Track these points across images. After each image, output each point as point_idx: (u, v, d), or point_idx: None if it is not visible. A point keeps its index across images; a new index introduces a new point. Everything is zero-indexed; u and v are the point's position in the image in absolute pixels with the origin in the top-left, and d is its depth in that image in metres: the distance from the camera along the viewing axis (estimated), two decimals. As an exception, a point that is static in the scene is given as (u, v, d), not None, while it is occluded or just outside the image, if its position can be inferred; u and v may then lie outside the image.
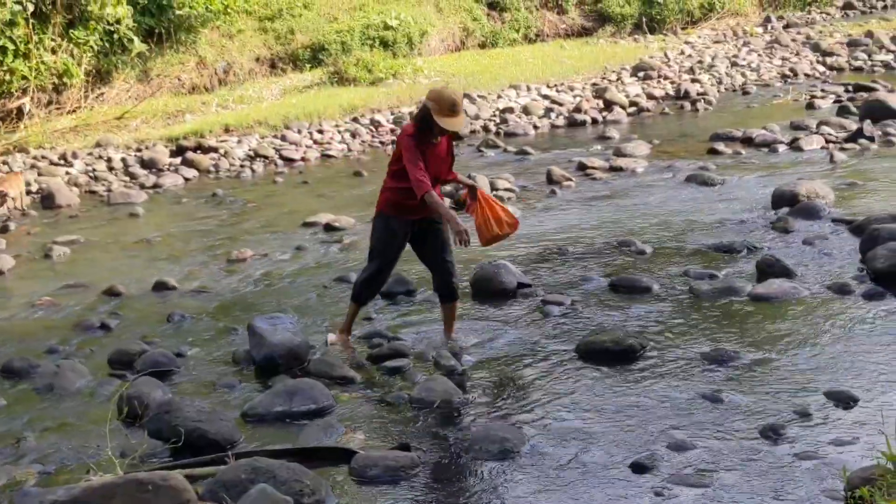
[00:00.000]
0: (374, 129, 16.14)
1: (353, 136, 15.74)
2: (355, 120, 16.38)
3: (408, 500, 5.24)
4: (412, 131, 6.85)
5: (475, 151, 14.56)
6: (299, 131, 15.61)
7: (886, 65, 18.44)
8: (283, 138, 15.34)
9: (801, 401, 5.99)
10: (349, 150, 15.19)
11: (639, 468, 5.38)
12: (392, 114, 16.76)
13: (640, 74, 18.94)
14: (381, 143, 15.56)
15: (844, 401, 5.93)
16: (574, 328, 7.49)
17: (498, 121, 16.29)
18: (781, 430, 5.63)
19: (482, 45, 22.53)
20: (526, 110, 16.68)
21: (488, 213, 7.11)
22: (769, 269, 8.11)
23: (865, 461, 5.07)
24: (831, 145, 12.52)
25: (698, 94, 17.01)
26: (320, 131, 15.77)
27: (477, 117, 16.32)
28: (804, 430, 5.65)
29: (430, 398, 6.40)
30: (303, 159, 14.75)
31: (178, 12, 17.85)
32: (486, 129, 15.96)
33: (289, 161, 14.67)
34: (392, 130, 15.98)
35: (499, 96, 17.71)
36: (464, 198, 7.43)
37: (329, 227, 10.85)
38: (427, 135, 6.80)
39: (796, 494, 5.02)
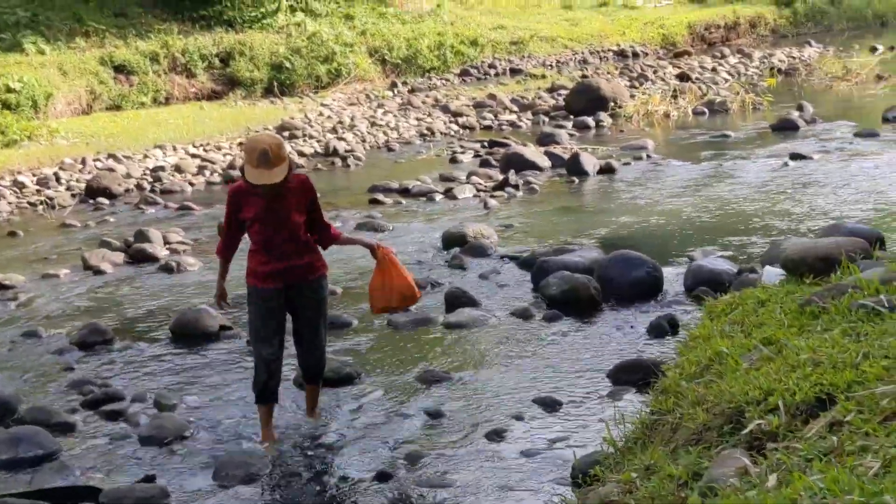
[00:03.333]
0: (18, 191, 15.56)
1: (-2, 197, 15.11)
2: (-6, 182, 15.76)
3: (167, 527, 5.32)
4: (238, 185, 6.21)
5: (134, 209, 14.42)
6: (-72, 196, 14.80)
7: (512, 123, 20.07)
8: (-84, 204, 14.49)
9: (514, 409, 6.60)
10: (-4, 211, 14.57)
11: (383, 476, 5.75)
12: (34, 175, 16.25)
13: (286, 134, 19.44)
14: (31, 203, 15.04)
15: (551, 405, 6.61)
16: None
17: (151, 179, 16.20)
18: (504, 433, 6.22)
19: (110, 108, 22.21)
20: (178, 168, 16.70)
21: (387, 280, 6.53)
22: (457, 300, 8.77)
23: (579, 452, 5.72)
24: (482, 193, 13.55)
25: (346, 151, 17.74)
26: (-44, 195, 15.02)
27: (128, 176, 16.17)
28: (523, 432, 6.26)
29: (161, 434, 6.49)
30: (-56, 223, 13.98)
31: None
32: (139, 187, 15.83)
33: (-72, 226, 13.85)
34: (38, 191, 15.52)
35: (145, 156, 17.62)
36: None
37: (-3, 286, 10.44)
38: (257, 188, 5.98)
39: (530, 484, 5.59)
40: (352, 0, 29.83)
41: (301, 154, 17.73)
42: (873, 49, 26.94)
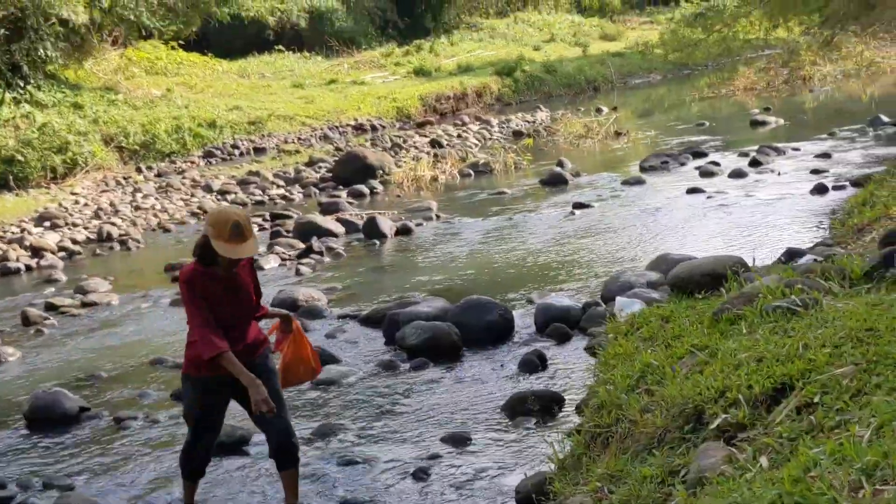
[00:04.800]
0: None
1: None
2: None
3: None
4: (191, 269, 5.58)
5: None
6: None
7: (283, 196, 20.08)
8: None
9: (426, 447, 6.77)
10: None
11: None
12: None
13: (47, 224, 18.74)
14: None
15: (461, 441, 6.82)
16: (158, 435, 7.59)
17: None
18: (428, 470, 6.37)
19: None
20: (-58, 263, 15.77)
21: (300, 353, 6.20)
22: (317, 358, 8.81)
23: (511, 477, 5.98)
24: (289, 262, 13.57)
25: (122, 235, 17.26)
26: None
27: None
28: (446, 467, 6.44)
29: (72, 515, 6.24)
30: None
31: None
32: None
33: None
34: None
35: None
36: (272, 331, 6.26)
37: None
38: (214, 269, 5.57)
39: (476, 513, 5.77)
40: (78, 89, 29.16)
41: (75, 241, 17.11)
42: (598, 110, 28.80)
